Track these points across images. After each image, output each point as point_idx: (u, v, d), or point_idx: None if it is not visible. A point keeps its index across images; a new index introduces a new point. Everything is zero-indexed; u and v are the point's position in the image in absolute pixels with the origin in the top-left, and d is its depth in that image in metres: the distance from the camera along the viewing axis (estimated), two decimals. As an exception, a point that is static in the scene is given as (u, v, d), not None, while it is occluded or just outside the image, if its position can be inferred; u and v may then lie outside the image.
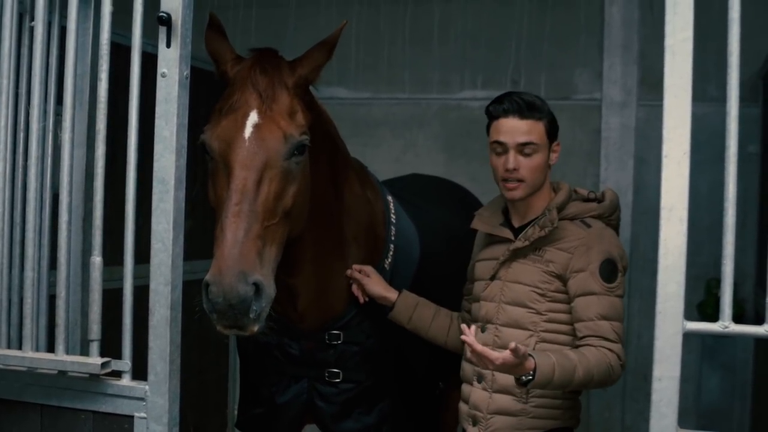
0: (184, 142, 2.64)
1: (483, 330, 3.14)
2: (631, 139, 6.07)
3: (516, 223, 3.24)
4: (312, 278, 3.44)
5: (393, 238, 3.72)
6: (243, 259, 2.73)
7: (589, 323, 2.97)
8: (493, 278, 3.21)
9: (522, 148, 3.11)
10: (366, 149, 6.46)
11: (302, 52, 2.99)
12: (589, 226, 3.13)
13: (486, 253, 3.32)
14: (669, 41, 2.27)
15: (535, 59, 6.31)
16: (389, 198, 3.85)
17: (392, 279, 3.62)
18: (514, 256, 3.15)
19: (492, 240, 3.30)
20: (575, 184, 3.25)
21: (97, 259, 2.69)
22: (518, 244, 3.12)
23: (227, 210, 2.79)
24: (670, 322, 2.29)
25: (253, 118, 2.94)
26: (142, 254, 2.74)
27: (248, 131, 2.90)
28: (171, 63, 2.59)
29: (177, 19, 2.58)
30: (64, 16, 2.81)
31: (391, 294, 3.49)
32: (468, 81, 6.50)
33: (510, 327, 3.09)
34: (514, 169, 3.10)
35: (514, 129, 3.10)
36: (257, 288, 2.74)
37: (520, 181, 3.12)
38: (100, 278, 2.70)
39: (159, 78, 2.60)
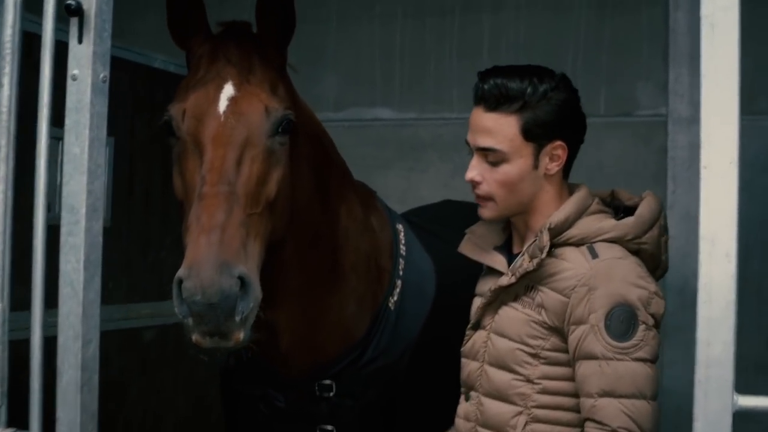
0: (101, 161, 2.11)
1: (467, 398, 2.52)
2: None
3: (516, 248, 2.57)
4: (298, 312, 2.96)
5: (401, 272, 3.21)
6: (224, 247, 2.30)
7: (587, 402, 2.24)
8: (476, 327, 2.54)
9: (485, 155, 2.42)
10: (412, 174, 6.08)
11: (345, 69, 2.50)
12: (596, 255, 2.32)
13: (480, 286, 2.66)
14: (706, 10, 1.66)
15: (593, 71, 5.77)
16: (399, 227, 3.34)
17: (398, 319, 3.11)
18: (500, 296, 2.45)
19: (490, 269, 2.61)
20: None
21: (-1, 306, 2.16)
22: (503, 280, 2.42)
23: (202, 193, 2.37)
24: (715, 396, 1.67)
25: (228, 90, 2.56)
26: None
27: (223, 104, 2.52)
28: (83, 62, 2.07)
29: (90, 8, 2.06)
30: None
31: None
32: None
33: (493, 398, 2.41)
34: (474, 182, 2.45)
35: (476, 124, 2.44)
36: (243, 283, 2.29)
37: (487, 198, 2.46)
38: (4, 329, 2.18)
39: (69, 81, 2.08)
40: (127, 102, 4.63)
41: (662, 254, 2.50)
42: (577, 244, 2.37)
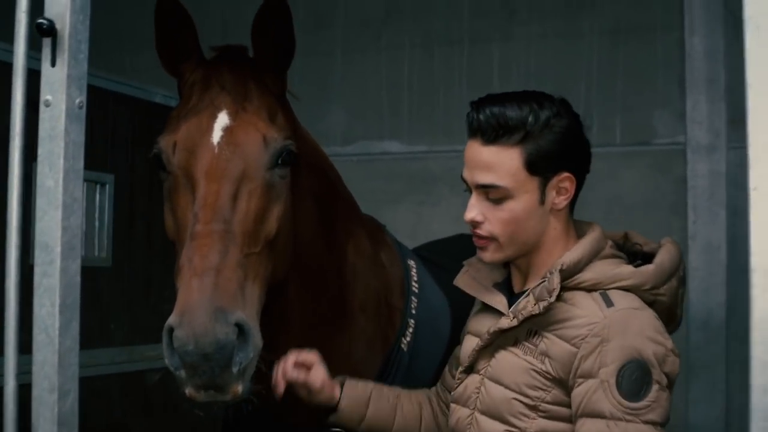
0: (78, 194, 1.91)
1: None
2: (722, 186, 5.22)
3: (517, 287, 2.34)
4: None
5: (414, 311, 3.01)
6: (219, 291, 2.10)
7: None
8: (469, 370, 2.31)
9: (486, 192, 2.18)
10: (423, 208, 5.90)
11: (352, 102, 2.29)
12: (611, 303, 2.08)
13: (475, 325, 2.42)
14: (750, 11, 1.46)
15: (608, 100, 5.59)
16: (411, 263, 3.15)
17: (412, 360, 2.92)
18: (498, 340, 2.22)
19: (487, 306, 2.37)
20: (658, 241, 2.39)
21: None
22: (504, 323, 2.18)
23: (194, 232, 2.17)
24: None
25: (222, 119, 2.37)
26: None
27: (217, 134, 2.33)
28: (57, 87, 1.88)
29: (64, 28, 1.88)
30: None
31: (335, 389, 2.55)
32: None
33: None
34: (475, 222, 2.22)
35: (473, 160, 2.21)
36: (240, 330, 2.08)
37: (490, 238, 2.22)
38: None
39: (41, 108, 1.90)
40: (127, 138, 4.53)
41: (677, 307, 2.28)
42: (589, 289, 2.14)
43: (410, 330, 2.95)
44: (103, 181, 4.44)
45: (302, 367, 2.49)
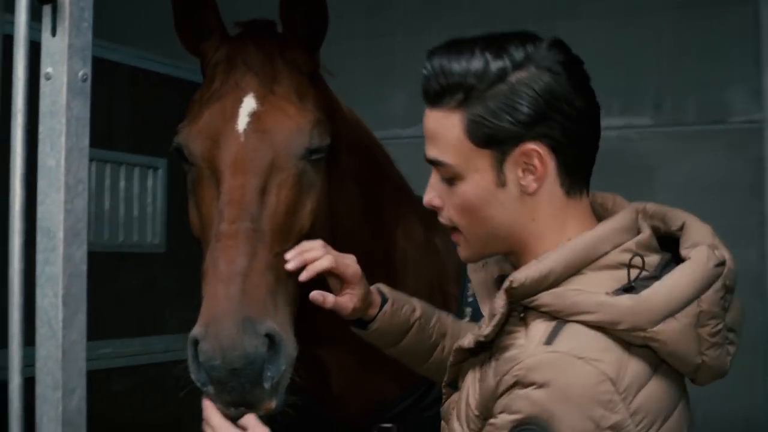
0: (83, 175, 1.76)
1: None
2: (803, 166, 4.95)
3: None
4: (348, 349, 2.56)
5: (470, 299, 2.78)
6: (247, 299, 1.95)
7: None
8: (453, 386, 1.88)
9: (438, 170, 1.76)
10: None
11: (413, 83, 2.08)
12: (551, 340, 1.57)
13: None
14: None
15: (680, 78, 5.35)
16: None
17: None
18: (464, 358, 1.80)
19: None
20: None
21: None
22: (464, 341, 1.75)
23: (219, 231, 2.01)
24: None
25: (249, 103, 2.19)
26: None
27: (243, 121, 2.15)
28: (57, 58, 1.73)
29: (66, -6, 1.74)
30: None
31: (373, 295, 2.16)
32: (602, 108, 5.46)
33: None
34: (434, 206, 1.81)
35: (424, 128, 1.78)
36: (271, 341, 1.94)
37: (453, 229, 1.79)
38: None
39: (42, 82, 1.75)
40: (179, 121, 4.42)
41: (702, 354, 1.63)
42: (552, 316, 1.62)
43: (466, 318, 2.77)
44: (155, 166, 4.37)
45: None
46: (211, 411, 1.94)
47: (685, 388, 1.71)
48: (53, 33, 1.74)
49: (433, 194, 1.78)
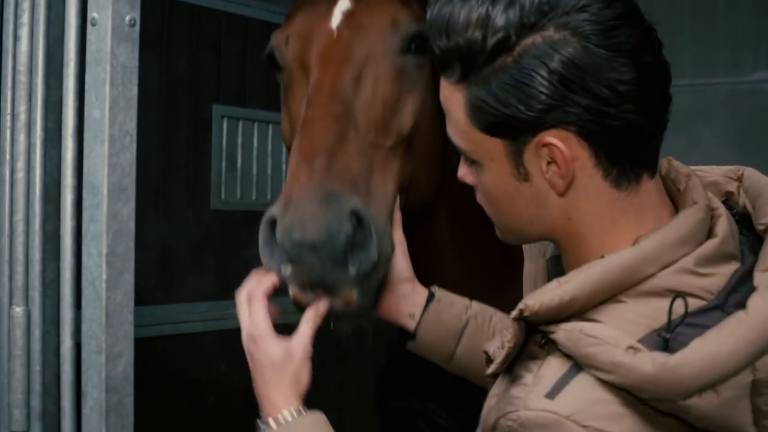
0: (131, 127, 1.64)
1: None
2: None
3: None
4: None
5: None
6: (333, 174, 1.72)
7: None
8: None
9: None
10: None
11: None
12: (555, 393, 1.22)
13: None
14: None
15: None
16: None
17: None
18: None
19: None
20: None
21: (17, 310, 1.75)
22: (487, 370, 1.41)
23: (306, 116, 1.83)
24: None
25: (343, 3, 2.01)
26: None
27: (337, 18, 1.98)
28: (103, 3, 1.61)
29: (111, -72, 1.61)
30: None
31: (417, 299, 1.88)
32: (764, 60, 5.07)
33: None
34: (466, 182, 1.47)
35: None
36: (359, 221, 1.69)
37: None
38: (33, 337, 1.77)
39: (88, 28, 1.64)
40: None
41: (757, 426, 1.26)
42: (567, 354, 1.27)
43: None
44: (278, 122, 4.27)
45: None
46: (260, 314, 1.72)
47: None
48: (99, -26, 1.63)
49: (464, 170, 1.46)
